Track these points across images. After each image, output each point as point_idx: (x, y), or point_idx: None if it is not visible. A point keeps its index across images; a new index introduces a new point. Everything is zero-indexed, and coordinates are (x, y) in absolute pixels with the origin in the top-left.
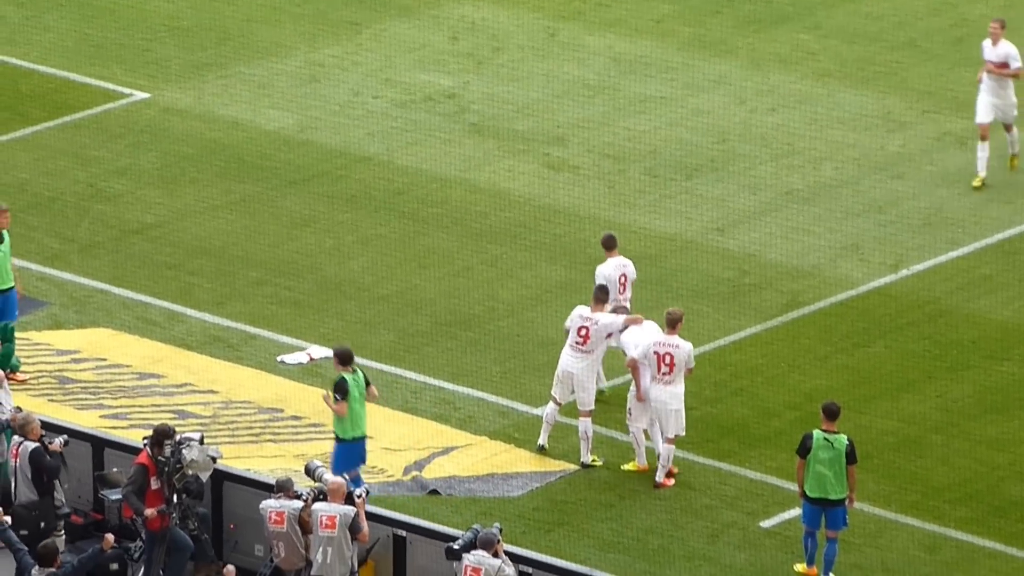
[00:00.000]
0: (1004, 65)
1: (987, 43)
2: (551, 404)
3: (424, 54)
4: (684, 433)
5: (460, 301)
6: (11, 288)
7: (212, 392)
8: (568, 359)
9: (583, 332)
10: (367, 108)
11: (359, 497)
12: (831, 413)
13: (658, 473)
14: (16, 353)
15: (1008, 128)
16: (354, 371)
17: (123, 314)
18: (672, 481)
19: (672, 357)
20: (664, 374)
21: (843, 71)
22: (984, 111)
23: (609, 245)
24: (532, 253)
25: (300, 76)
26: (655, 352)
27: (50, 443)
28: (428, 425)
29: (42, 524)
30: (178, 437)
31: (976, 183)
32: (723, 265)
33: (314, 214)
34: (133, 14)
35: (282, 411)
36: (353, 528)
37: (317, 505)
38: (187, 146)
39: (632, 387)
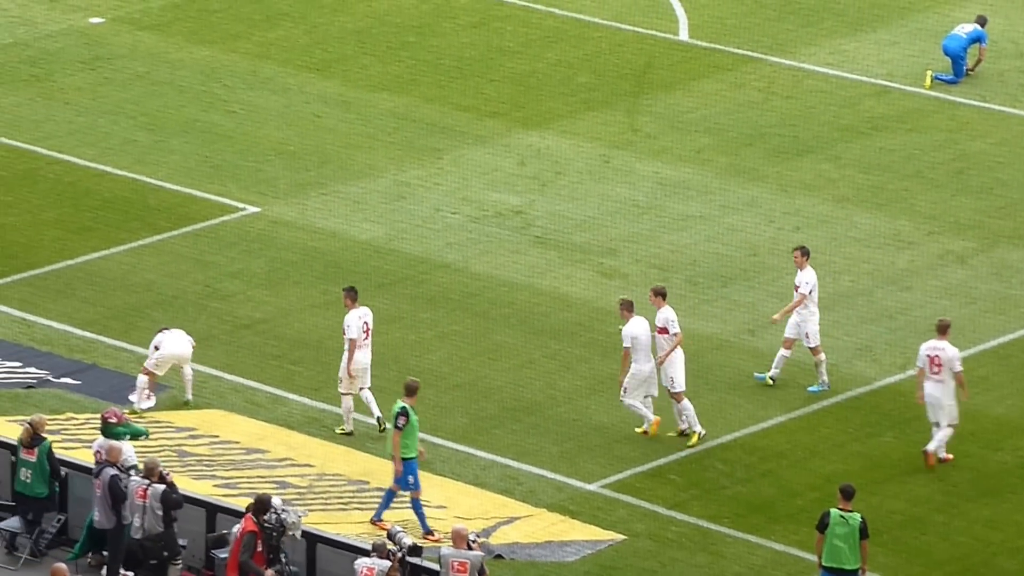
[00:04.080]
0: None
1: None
2: (353, 397)
3: (496, 176)
4: (957, 422)
5: (524, 389)
6: (415, 456)
7: (309, 466)
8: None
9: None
10: (446, 222)
11: (474, 542)
12: (847, 494)
13: (941, 452)
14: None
15: (815, 351)
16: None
17: (233, 397)
18: (951, 456)
19: (939, 358)
20: (935, 373)
21: (859, 196)
22: (790, 327)
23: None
24: (587, 349)
25: (389, 194)
26: (927, 355)
27: (167, 475)
28: (495, 498)
29: (166, 553)
30: (272, 504)
31: (768, 381)
32: (754, 362)
33: (399, 312)
34: (247, 140)
35: (368, 483)
36: (482, 572)
37: (445, 551)
38: (291, 253)
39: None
